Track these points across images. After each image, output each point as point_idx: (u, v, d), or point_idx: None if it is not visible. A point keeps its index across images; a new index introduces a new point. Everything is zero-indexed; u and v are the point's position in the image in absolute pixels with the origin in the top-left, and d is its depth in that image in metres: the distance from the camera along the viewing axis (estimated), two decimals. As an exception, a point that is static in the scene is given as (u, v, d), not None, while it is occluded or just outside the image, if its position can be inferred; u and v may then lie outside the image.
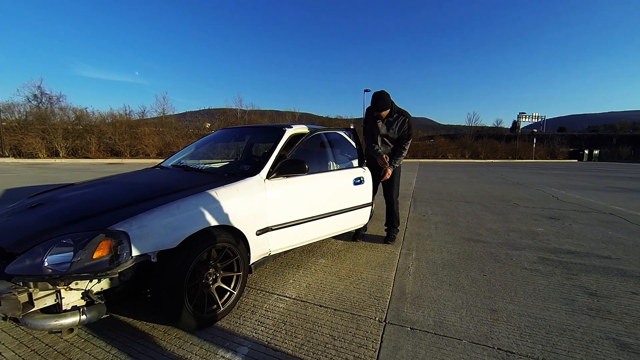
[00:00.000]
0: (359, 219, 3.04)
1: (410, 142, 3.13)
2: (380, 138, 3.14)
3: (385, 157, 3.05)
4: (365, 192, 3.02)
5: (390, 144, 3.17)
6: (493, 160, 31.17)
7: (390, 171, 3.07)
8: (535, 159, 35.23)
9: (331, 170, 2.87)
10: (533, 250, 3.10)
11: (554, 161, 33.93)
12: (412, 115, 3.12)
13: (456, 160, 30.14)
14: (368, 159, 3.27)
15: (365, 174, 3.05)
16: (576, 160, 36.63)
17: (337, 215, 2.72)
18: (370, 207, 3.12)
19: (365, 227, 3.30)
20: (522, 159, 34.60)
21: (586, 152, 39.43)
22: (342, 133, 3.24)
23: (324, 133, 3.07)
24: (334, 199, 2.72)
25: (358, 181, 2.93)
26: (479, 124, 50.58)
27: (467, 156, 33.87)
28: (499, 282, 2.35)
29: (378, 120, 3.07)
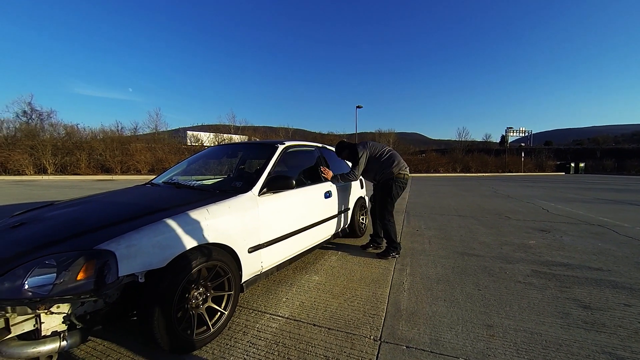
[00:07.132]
0: (330, 230, 3.29)
1: (356, 166, 3.34)
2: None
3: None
4: (333, 205, 3.29)
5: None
6: (484, 174, 31.75)
7: (330, 174, 3.28)
8: (524, 172, 36.05)
9: (308, 185, 3.01)
10: (526, 263, 3.11)
11: (542, 174, 34.74)
12: (404, 130, 3.29)
13: (448, 174, 30.60)
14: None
15: (332, 188, 3.31)
16: (563, 173, 37.57)
17: (316, 227, 2.91)
18: (335, 219, 3.37)
19: (340, 235, 3.61)
20: (512, 172, 35.36)
21: (573, 165, 40.55)
22: (312, 149, 3.52)
23: (298, 150, 3.25)
24: (314, 211, 2.92)
25: (328, 194, 3.18)
26: (469, 138, 51.97)
27: (459, 170, 34.45)
28: (493, 296, 2.34)
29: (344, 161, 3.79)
